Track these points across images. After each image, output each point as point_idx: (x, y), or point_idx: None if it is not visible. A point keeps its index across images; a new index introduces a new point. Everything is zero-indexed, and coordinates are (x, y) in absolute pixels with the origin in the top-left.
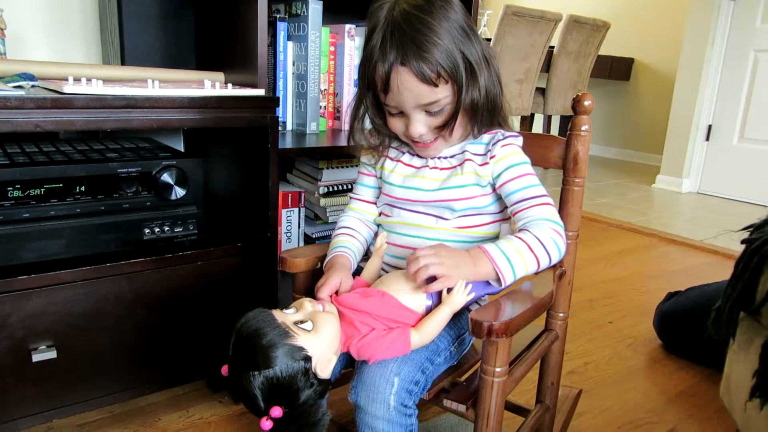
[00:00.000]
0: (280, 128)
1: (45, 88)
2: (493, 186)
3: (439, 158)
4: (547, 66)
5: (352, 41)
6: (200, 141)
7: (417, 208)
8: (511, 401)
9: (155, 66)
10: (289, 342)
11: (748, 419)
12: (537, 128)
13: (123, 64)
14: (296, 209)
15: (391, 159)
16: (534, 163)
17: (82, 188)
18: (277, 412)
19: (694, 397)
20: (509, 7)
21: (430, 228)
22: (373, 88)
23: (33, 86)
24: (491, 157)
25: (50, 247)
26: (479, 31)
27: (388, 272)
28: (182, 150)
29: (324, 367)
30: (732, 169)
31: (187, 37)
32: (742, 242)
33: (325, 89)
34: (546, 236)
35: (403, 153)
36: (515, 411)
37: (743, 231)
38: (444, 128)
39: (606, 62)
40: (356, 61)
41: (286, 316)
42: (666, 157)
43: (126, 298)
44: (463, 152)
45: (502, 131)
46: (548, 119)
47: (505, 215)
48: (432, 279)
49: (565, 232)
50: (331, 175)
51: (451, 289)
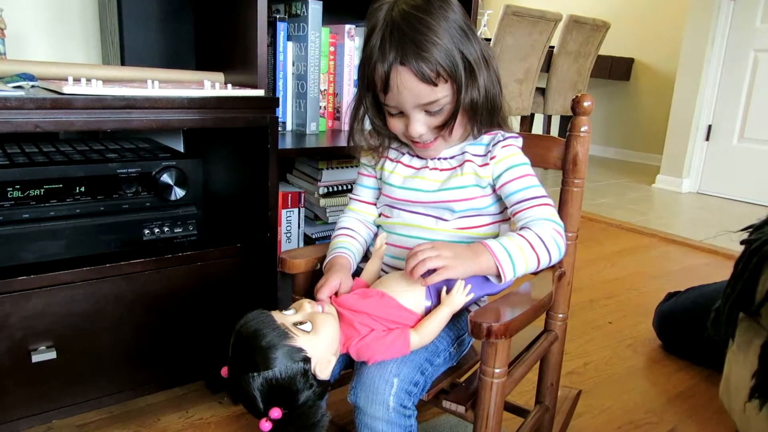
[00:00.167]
0: (279, 128)
1: (45, 89)
2: (493, 187)
3: (439, 159)
4: (547, 66)
5: (352, 41)
6: (200, 141)
7: (417, 209)
8: (510, 402)
9: (155, 66)
10: (289, 343)
11: (747, 420)
12: (537, 128)
13: (123, 64)
14: (296, 210)
15: (391, 160)
16: (533, 164)
17: (82, 189)
18: (276, 413)
19: (693, 397)
20: (509, 7)
21: (429, 229)
22: (372, 88)
23: (33, 86)
24: (491, 158)
25: (50, 247)
26: (479, 31)
27: (387, 273)
28: (182, 150)
29: (323, 368)
30: (732, 169)
31: (187, 37)
32: (742, 243)
33: (324, 89)
34: (547, 235)
35: (403, 154)
36: (514, 412)
37: (743, 231)
38: (444, 128)
39: (606, 62)
40: (356, 61)
41: (285, 317)
42: (666, 157)
43: (126, 299)
44: (463, 153)
45: (502, 132)
46: (548, 119)
47: (505, 216)
48: (431, 274)
49: (565, 233)
50: (331, 176)
51: (450, 289)
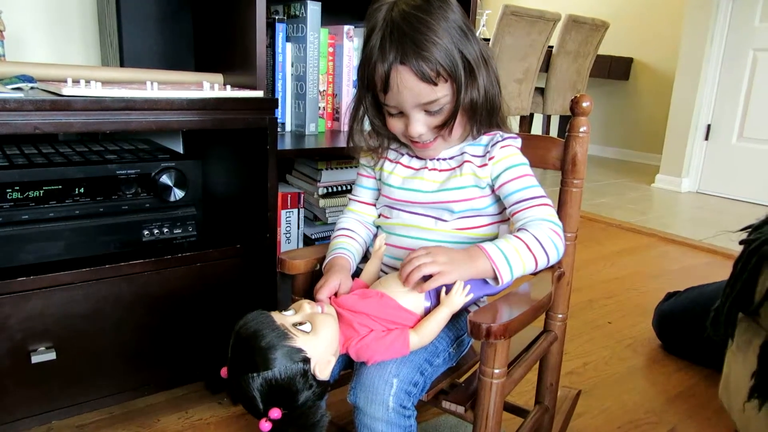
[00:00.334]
0: (279, 129)
1: (44, 90)
2: (492, 187)
3: (438, 160)
4: (546, 66)
5: (351, 42)
6: (199, 142)
7: (416, 209)
8: (510, 402)
9: (154, 68)
10: (288, 344)
11: (746, 419)
12: (536, 128)
13: (122, 65)
14: (295, 210)
15: (390, 161)
16: (533, 165)
17: (81, 190)
18: (275, 413)
19: (693, 397)
20: (508, 7)
21: (429, 229)
22: (372, 88)
23: (32, 88)
24: (490, 159)
25: (49, 248)
26: (478, 31)
27: (387, 273)
28: (181, 151)
29: (323, 368)
30: (731, 169)
31: (186, 38)
32: (741, 242)
33: (323, 90)
34: (544, 236)
35: (402, 155)
36: (514, 412)
37: (742, 231)
38: (443, 128)
39: (605, 62)
40: (355, 62)
41: (285, 318)
42: (665, 157)
43: (125, 300)
44: (462, 154)
45: (501, 132)
46: (547, 119)
47: (504, 217)
48: (428, 279)
49: (563, 233)
50: (331, 176)
51: (449, 290)
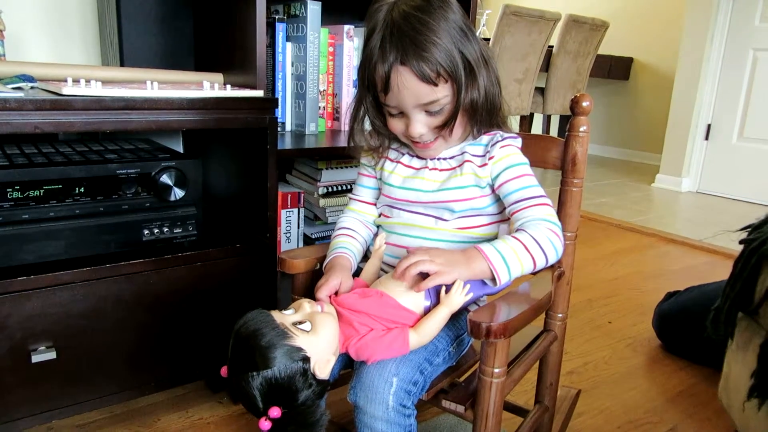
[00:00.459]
0: (279, 129)
1: (44, 90)
2: (492, 187)
3: (439, 159)
4: (546, 65)
5: (351, 42)
6: (199, 142)
7: (416, 209)
8: (509, 402)
9: (154, 67)
10: (288, 343)
11: (746, 419)
12: (536, 128)
13: (122, 65)
14: (295, 210)
15: (391, 160)
16: (533, 164)
17: (82, 189)
18: (275, 412)
19: (693, 396)
20: (508, 7)
21: (429, 229)
22: (373, 89)
23: (32, 88)
24: (490, 158)
25: (49, 248)
26: (478, 31)
27: (387, 273)
28: (181, 151)
29: (322, 367)
30: (731, 169)
31: (186, 38)
32: (741, 242)
33: (324, 90)
34: (542, 236)
35: (403, 154)
36: (514, 411)
37: (742, 231)
38: (444, 128)
39: (605, 62)
40: (355, 61)
41: (284, 317)
42: (665, 157)
43: (125, 299)
44: (463, 153)
45: (501, 132)
46: (547, 119)
47: (504, 216)
48: (425, 278)
49: (562, 233)
50: (331, 176)
51: (449, 289)
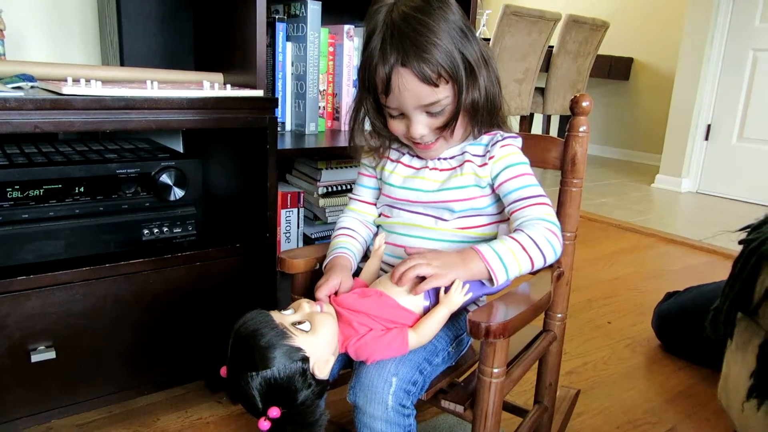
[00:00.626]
0: (279, 129)
1: (44, 89)
2: (492, 187)
3: (439, 159)
4: (546, 66)
5: (351, 42)
6: (199, 142)
7: (416, 208)
8: (509, 402)
9: (154, 67)
10: (287, 343)
11: (745, 419)
12: (536, 128)
13: (122, 64)
14: (295, 210)
15: (391, 160)
16: (532, 165)
17: (81, 189)
18: (275, 412)
19: (692, 397)
20: (508, 7)
21: (429, 228)
22: (373, 90)
23: (32, 87)
24: (490, 158)
25: (49, 247)
26: (478, 31)
27: (387, 273)
28: (181, 151)
29: (322, 367)
30: (731, 169)
31: (186, 37)
32: (740, 242)
33: (324, 90)
34: (540, 236)
35: (403, 154)
36: (513, 411)
37: (741, 231)
38: (445, 129)
39: (605, 62)
40: (355, 61)
41: (284, 317)
42: (665, 157)
43: (125, 299)
44: (463, 153)
45: (501, 132)
46: (547, 119)
47: (504, 217)
48: (422, 281)
49: (561, 233)
50: (330, 176)
51: (448, 289)
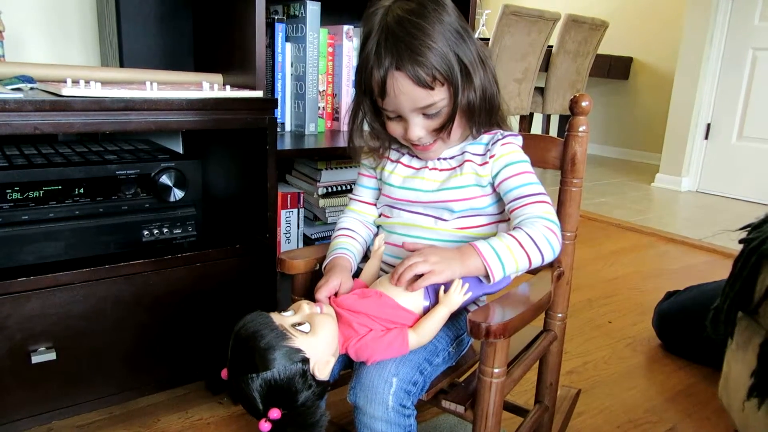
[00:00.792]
0: (278, 129)
1: (43, 91)
2: (492, 185)
3: (439, 159)
4: (545, 65)
5: (351, 42)
6: (199, 142)
7: (416, 208)
8: (509, 401)
9: (153, 68)
10: (287, 344)
11: (746, 418)
12: (536, 128)
13: (121, 65)
14: (295, 210)
15: (391, 160)
16: (532, 164)
17: (81, 190)
18: (275, 413)
19: (692, 396)
20: (508, 7)
21: (429, 228)
22: (370, 93)
23: (31, 88)
24: (491, 157)
25: (49, 249)
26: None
27: (387, 273)
28: (181, 152)
29: (322, 368)
30: (731, 168)
31: (186, 38)
32: (741, 241)
33: (323, 90)
34: (539, 234)
35: (403, 154)
36: (514, 411)
37: (742, 230)
38: (442, 131)
39: (605, 61)
40: (354, 62)
41: (283, 319)
42: (665, 156)
43: (125, 300)
44: (463, 153)
45: (502, 131)
46: (547, 119)
47: (504, 216)
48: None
49: (560, 231)
50: (330, 176)
51: (448, 289)
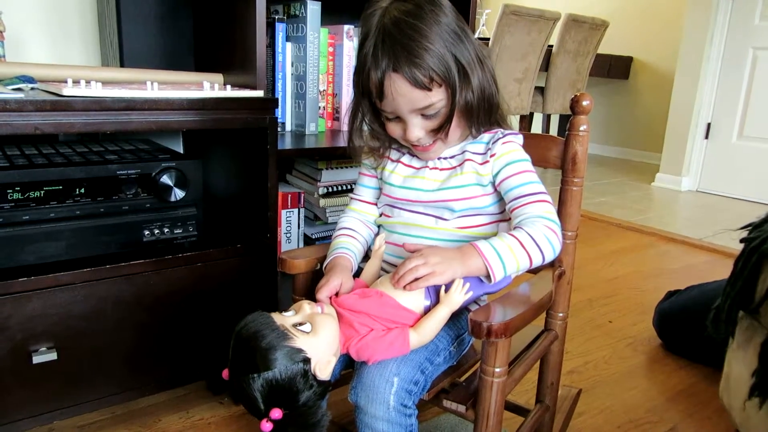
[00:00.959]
0: (279, 129)
1: (44, 91)
2: (493, 184)
3: (439, 159)
4: (545, 65)
5: (351, 42)
6: (199, 142)
7: (417, 208)
8: (510, 401)
9: (154, 68)
10: (288, 344)
11: (747, 418)
12: (536, 127)
13: (122, 65)
14: (296, 210)
15: (392, 160)
16: (533, 163)
17: (82, 190)
18: (276, 413)
19: (693, 396)
20: (508, 7)
21: (429, 228)
22: (368, 95)
23: (32, 89)
24: (491, 155)
25: (50, 249)
26: (478, 31)
27: (387, 273)
28: (181, 151)
29: (323, 368)
30: (731, 168)
31: (186, 38)
32: (741, 241)
33: (323, 90)
34: (539, 234)
35: (403, 154)
36: (515, 411)
37: (742, 230)
38: (440, 131)
39: (605, 61)
40: (355, 61)
41: (285, 319)
42: (665, 156)
43: (126, 300)
44: (463, 152)
45: (502, 130)
46: (547, 118)
47: (505, 216)
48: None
49: (560, 230)
50: (331, 176)
51: (449, 288)
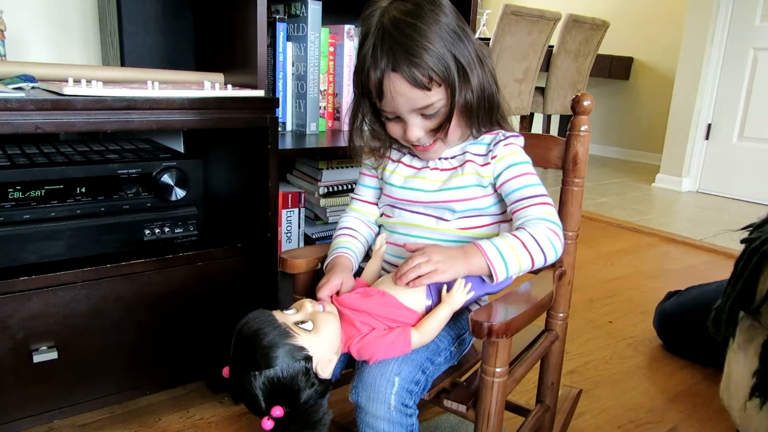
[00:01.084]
0: (279, 129)
1: (45, 90)
2: (494, 186)
3: (440, 159)
4: (546, 65)
5: (352, 42)
6: (200, 142)
7: (417, 208)
8: (511, 401)
9: (155, 67)
10: (290, 342)
11: (747, 418)
12: (536, 128)
13: (122, 65)
14: (296, 210)
15: (392, 160)
16: (533, 164)
17: (83, 189)
18: (278, 411)
19: (694, 396)
20: (508, 7)
21: (430, 228)
22: (368, 95)
23: (33, 88)
24: (492, 157)
25: (51, 248)
26: (478, 31)
27: (388, 272)
28: (182, 151)
29: (324, 367)
30: (732, 168)
31: (187, 38)
32: (742, 241)
33: (324, 90)
34: (542, 235)
35: (404, 154)
36: (515, 411)
37: (743, 230)
38: (440, 131)
39: (605, 61)
40: (355, 61)
41: (286, 317)
42: (666, 156)
43: (126, 299)
44: (464, 153)
45: (503, 131)
46: (548, 119)
47: (506, 217)
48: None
49: (562, 232)
50: (331, 176)
51: (450, 288)
